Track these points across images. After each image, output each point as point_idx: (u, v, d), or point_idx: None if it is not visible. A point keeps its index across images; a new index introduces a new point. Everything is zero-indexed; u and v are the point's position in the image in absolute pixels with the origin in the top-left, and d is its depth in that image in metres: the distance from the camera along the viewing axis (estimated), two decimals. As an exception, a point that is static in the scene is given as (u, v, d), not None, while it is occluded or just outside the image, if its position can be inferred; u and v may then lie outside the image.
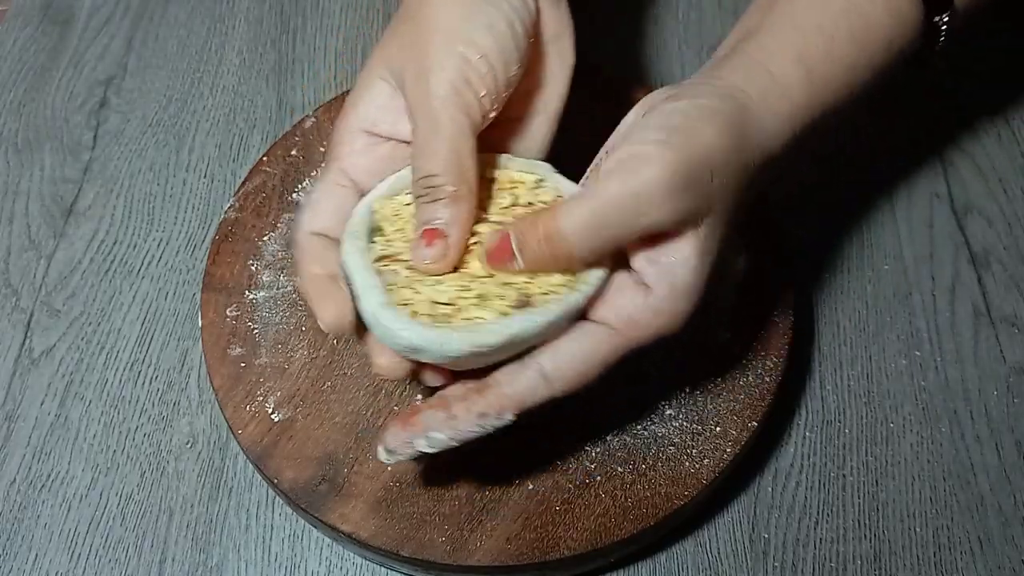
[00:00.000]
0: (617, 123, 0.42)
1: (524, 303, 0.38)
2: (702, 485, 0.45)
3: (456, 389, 0.39)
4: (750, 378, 0.48)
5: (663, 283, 0.37)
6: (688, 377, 0.49)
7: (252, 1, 0.72)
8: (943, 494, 0.51)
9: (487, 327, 0.37)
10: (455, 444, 0.39)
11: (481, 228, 0.40)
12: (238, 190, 0.55)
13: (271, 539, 0.50)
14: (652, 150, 0.36)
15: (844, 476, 0.51)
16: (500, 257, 0.38)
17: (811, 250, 0.58)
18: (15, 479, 0.51)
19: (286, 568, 0.49)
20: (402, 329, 0.36)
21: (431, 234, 0.38)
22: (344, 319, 0.39)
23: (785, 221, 0.54)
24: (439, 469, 0.46)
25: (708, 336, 0.50)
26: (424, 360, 0.38)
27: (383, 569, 0.49)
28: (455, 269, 0.39)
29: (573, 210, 0.36)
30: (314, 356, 0.50)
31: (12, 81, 0.68)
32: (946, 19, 0.42)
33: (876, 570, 0.48)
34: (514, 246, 0.37)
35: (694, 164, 0.36)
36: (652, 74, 0.67)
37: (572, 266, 0.38)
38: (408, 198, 0.41)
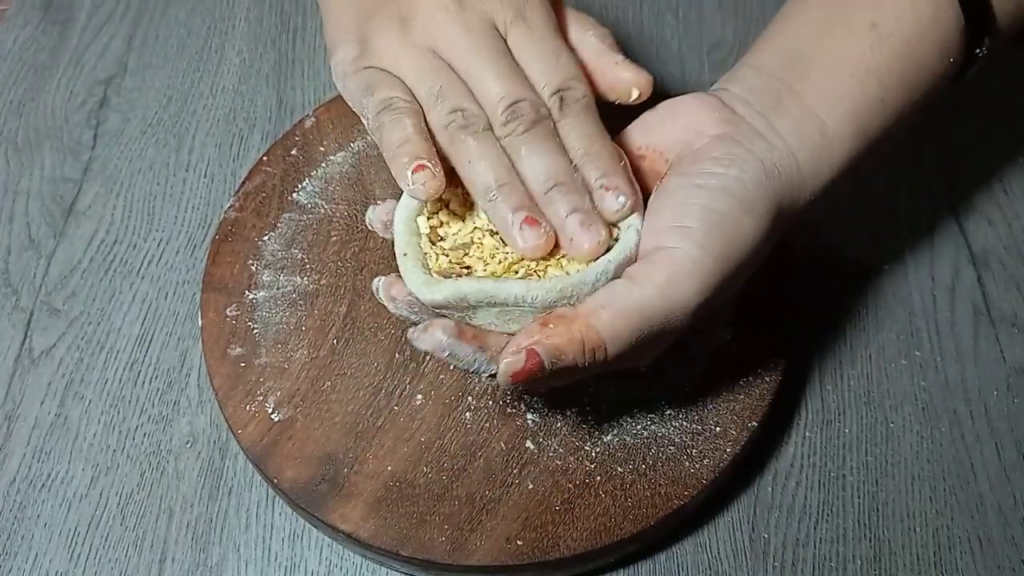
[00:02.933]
0: (617, 122, 0.42)
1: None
2: (702, 485, 0.45)
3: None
4: (750, 378, 0.48)
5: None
6: (688, 377, 0.49)
7: (252, 1, 0.72)
8: (943, 494, 0.51)
9: (542, 280, 0.38)
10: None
11: None
12: (238, 190, 0.55)
13: (271, 539, 0.50)
14: (692, 263, 0.37)
15: (844, 476, 0.51)
16: (531, 373, 0.36)
17: (811, 250, 0.58)
18: (15, 479, 0.51)
19: (286, 568, 0.49)
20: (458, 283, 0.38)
21: (531, 220, 0.38)
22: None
23: (788, 227, 0.54)
24: (439, 469, 0.46)
25: (708, 336, 0.50)
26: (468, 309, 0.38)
27: (383, 569, 0.49)
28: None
29: (610, 322, 0.37)
30: (314, 356, 0.50)
31: (12, 81, 0.68)
32: (985, 51, 0.42)
33: (876, 570, 0.48)
34: (544, 359, 0.36)
35: (730, 267, 0.38)
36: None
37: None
38: None
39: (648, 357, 0.40)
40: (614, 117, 0.42)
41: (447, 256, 0.40)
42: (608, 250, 0.39)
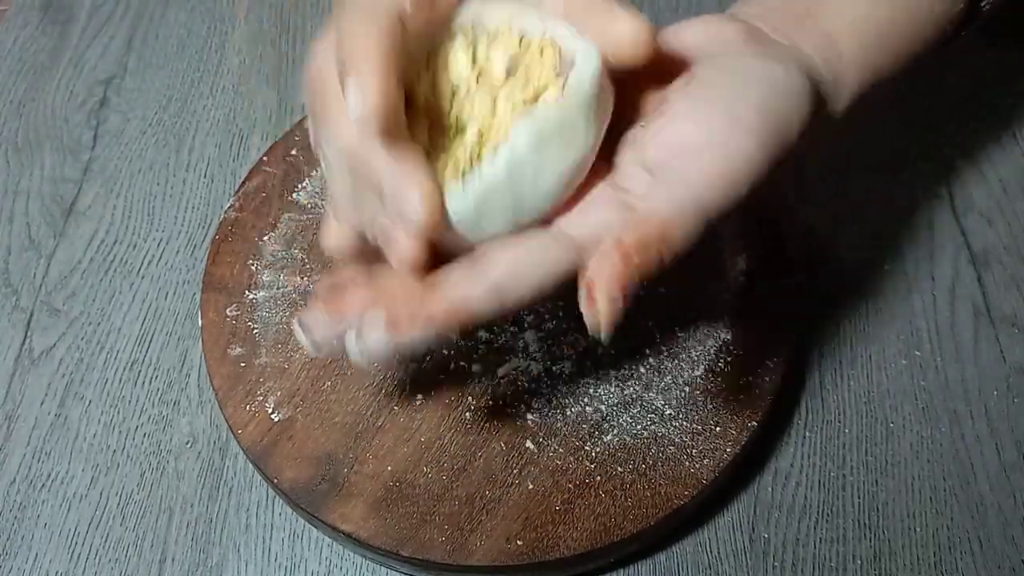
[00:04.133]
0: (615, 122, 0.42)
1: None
2: (702, 485, 0.45)
3: (391, 280, 0.34)
4: (750, 378, 0.48)
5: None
6: (688, 377, 0.49)
7: (252, 1, 0.72)
8: (943, 494, 0.51)
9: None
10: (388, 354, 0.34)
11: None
12: (238, 190, 0.55)
13: (271, 539, 0.50)
14: (746, 158, 0.34)
15: (844, 476, 0.51)
16: (622, 309, 0.32)
17: (811, 250, 0.58)
18: (15, 479, 0.51)
19: (286, 568, 0.49)
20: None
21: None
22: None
23: (784, 222, 0.54)
24: (439, 469, 0.46)
25: (708, 336, 0.50)
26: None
27: (383, 569, 0.49)
28: None
29: (683, 221, 0.34)
30: (314, 356, 0.50)
31: (12, 81, 0.68)
32: (988, 5, 0.42)
33: (876, 570, 0.48)
34: (630, 287, 0.32)
35: (774, 163, 0.35)
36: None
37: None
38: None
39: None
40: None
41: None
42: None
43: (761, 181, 0.36)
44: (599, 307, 0.32)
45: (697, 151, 0.35)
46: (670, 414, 0.48)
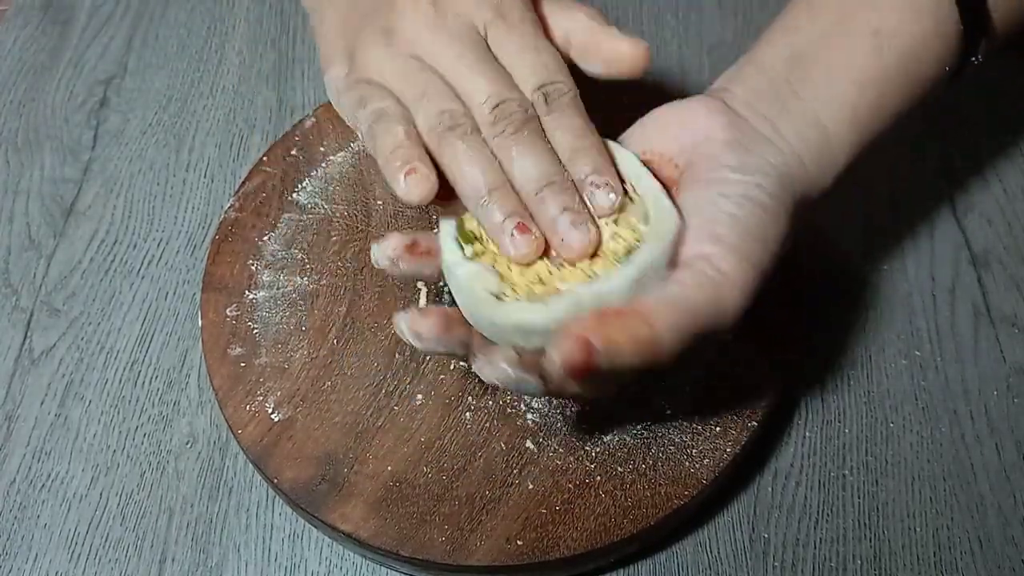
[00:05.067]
0: (615, 121, 0.42)
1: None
2: (702, 485, 0.45)
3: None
4: (750, 378, 0.48)
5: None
6: (688, 377, 0.49)
7: (252, 1, 0.72)
8: (943, 494, 0.51)
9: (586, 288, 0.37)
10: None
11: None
12: (238, 190, 0.55)
13: (271, 539, 0.50)
14: (736, 271, 0.37)
15: (844, 476, 0.51)
16: (585, 369, 0.34)
17: (810, 250, 0.58)
18: (15, 479, 0.51)
19: (286, 568, 0.49)
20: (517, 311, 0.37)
21: (523, 227, 0.38)
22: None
23: (799, 227, 0.54)
24: (439, 469, 0.46)
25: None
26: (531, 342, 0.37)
27: (383, 569, 0.49)
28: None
29: (666, 318, 0.36)
30: (314, 356, 0.50)
31: (12, 81, 0.68)
32: (980, 59, 0.43)
33: (876, 570, 0.48)
34: (600, 355, 0.34)
35: (765, 271, 0.38)
36: (652, 74, 0.67)
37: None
38: None
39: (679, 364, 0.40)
40: (613, 119, 0.42)
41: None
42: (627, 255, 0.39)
43: (757, 289, 0.38)
44: (559, 343, 0.34)
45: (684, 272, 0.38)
46: (670, 414, 0.48)
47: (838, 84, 0.41)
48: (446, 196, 0.40)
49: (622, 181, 0.40)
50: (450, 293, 0.47)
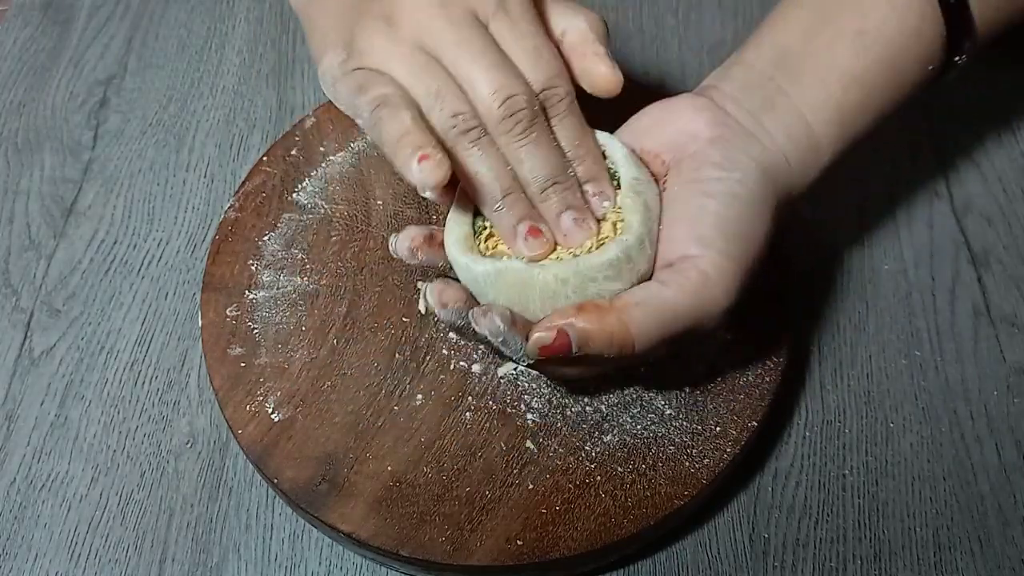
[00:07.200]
0: (614, 122, 0.42)
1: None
2: (702, 485, 0.45)
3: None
4: (750, 378, 0.48)
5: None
6: (688, 377, 0.49)
7: (252, 1, 0.72)
8: (943, 494, 0.51)
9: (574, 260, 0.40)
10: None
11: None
12: (238, 190, 0.55)
13: (271, 539, 0.50)
14: (717, 269, 0.39)
15: (844, 476, 0.51)
16: (558, 351, 0.38)
17: (811, 250, 0.58)
18: (15, 479, 0.51)
19: (286, 568, 0.49)
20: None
21: (535, 231, 0.41)
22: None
23: (784, 221, 0.54)
24: (439, 469, 0.46)
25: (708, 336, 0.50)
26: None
27: (383, 569, 0.49)
28: None
29: (641, 319, 0.38)
30: (314, 356, 0.50)
31: (12, 81, 0.68)
32: (963, 59, 0.44)
33: (876, 570, 0.48)
34: (573, 341, 0.38)
35: (749, 268, 0.40)
36: (652, 74, 0.67)
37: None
38: None
39: (671, 353, 0.42)
40: (604, 116, 0.43)
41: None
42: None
43: (742, 285, 0.40)
44: (538, 329, 0.38)
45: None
46: (670, 414, 0.48)
47: (823, 83, 0.42)
48: (445, 193, 0.41)
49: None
50: None
